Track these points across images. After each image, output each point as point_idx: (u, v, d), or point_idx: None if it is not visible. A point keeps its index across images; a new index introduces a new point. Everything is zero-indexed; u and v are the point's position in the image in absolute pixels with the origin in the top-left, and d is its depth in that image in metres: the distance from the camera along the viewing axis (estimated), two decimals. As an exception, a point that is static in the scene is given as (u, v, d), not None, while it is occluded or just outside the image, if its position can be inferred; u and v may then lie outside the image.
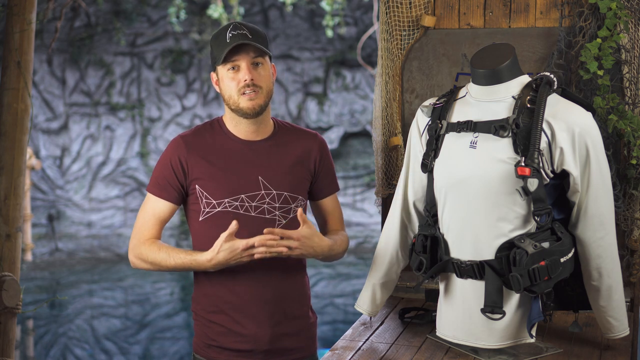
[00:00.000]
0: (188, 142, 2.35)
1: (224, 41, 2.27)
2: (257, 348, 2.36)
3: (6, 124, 3.41)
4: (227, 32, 2.28)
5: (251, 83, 2.26)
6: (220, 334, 2.37)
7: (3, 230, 3.38)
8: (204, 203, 2.32)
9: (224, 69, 2.29)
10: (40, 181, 10.68)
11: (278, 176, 2.35)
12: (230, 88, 2.29)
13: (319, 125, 11.36)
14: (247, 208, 2.32)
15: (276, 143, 2.39)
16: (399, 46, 2.77)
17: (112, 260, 10.41)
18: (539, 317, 2.15)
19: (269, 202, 2.33)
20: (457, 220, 2.21)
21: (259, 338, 2.35)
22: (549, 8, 2.64)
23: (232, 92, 2.29)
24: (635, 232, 2.54)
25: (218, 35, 2.31)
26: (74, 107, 10.95)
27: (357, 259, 10.46)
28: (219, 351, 2.38)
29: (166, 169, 2.34)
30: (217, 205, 2.31)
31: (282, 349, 2.39)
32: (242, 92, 2.28)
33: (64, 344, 7.38)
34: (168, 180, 2.34)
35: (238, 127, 2.36)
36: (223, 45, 2.27)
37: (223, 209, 2.31)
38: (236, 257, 2.21)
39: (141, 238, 2.34)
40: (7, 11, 3.44)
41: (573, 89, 2.59)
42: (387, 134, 2.78)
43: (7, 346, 3.38)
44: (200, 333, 2.41)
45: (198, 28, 11.02)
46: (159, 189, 2.35)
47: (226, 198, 2.31)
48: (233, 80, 2.28)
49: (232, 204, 2.31)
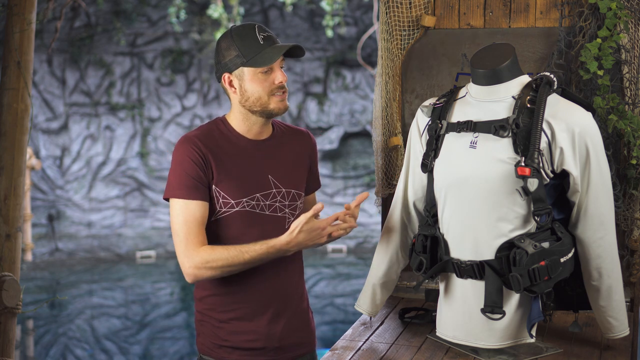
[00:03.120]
0: (202, 141, 2.29)
1: (256, 42, 2.24)
2: (268, 345, 2.37)
3: (6, 124, 3.41)
4: (257, 34, 2.25)
5: (284, 85, 2.29)
6: (232, 333, 2.36)
7: (3, 230, 3.38)
8: (221, 203, 2.29)
9: (257, 71, 2.25)
10: (40, 181, 10.68)
11: (285, 174, 2.37)
12: (261, 89, 2.27)
13: (319, 125, 11.37)
14: (262, 207, 2.33)
15: (279, 142, 2.40)
16: (399, 46, 2.77)
17: (112, 260, 10.41)
18: (539, 317, 2.15)
19: (280, 200, 2.35)
20: (457, 220, 2.21)
21: (270, 335, 2.36)
22: (549, 8, 2.64)
23: (262, 93, 2.27)
24: (635, 232, 2.54)
25: (244, 35, 2.26)
26: (74, 107, 10.95)
27: (357, 259, 10.47)
28: (230, 351, 2.37)
29: (190, 167, 2.26)
30: (235, 205, 2.29)
31: (291, 344, 2.41)
32: (272, 94, 2.28)
33: (64, 344, 7.38)
34: (195, 179, 2.26)
35: (249, 127, 2.34)
36: (257, 47, 2.24)
37: (241, 209, 2.30)
38: (316, 237, 2.21)
39: (196, 247, 2.23)
40: (7, 11, 3.44)
41: (573, 89, 2.59)
42: (387, 134, 2.78)
43: (7, 346, 3.38)
44: (209, 334, 2.39)
45: (198, 28, 11.02)
46: (190, 191, 2.25)
47: (244, 198, 2.30)
48: (265, 81, 2.27)
49: (250, 203, 2.31)
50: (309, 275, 9.50)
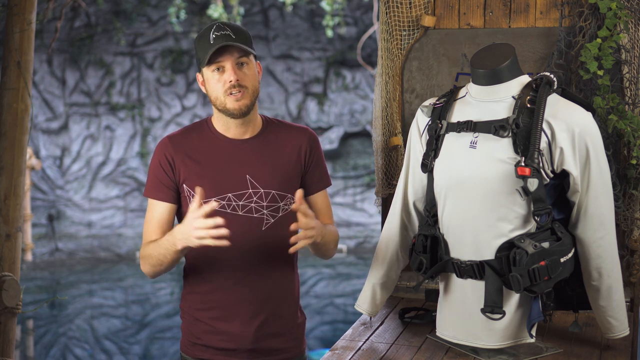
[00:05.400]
0: (174, 142, 2.34)
1: (208, 42, 2.26)
2: (240, 347, 2.36)
3: (6, 124, 3.41)
4: (211, 33, 2.26)
5: (237, 84, 2.26)
6: (205, 332, 2.37)
7: (3, 230, 3.38)
8: (192, 202, 2.30)
9: (209, 71, 2.28)
10: (40, 181, 10.68)
11: (266, 174, 2.34)
12: (216, 89, 2.28)
13: (319, 125, 11.36)
14: (234, 207, 2.31)
15: (265, 140, 2.38)
16: (399, 46, 2.77)
17: (112, 260, 10.41)
18: (539, 317, 2.15)
19: (256, 200, 2.32)
20: (457, 220, 2.21)
21: (242, 337, 2.35)
22: (549, 8, 2.64)
23: (218, 93, 2.28)
24: (635, 232, 2.54)
25: (201, 36, 2.29)
26: (74, 107, 10.95)
27: (357, 259, 10.46)
28: (204, 349, 2.38)
29: (157, 169, 2.34)
30: (203, 204, 2.27)
31: (266, 349, 2.38)
32: (228, 93, 2.27)
33: (64, 344, 7.38)
34: (161, 181, 2.33)
35: (226, 127, 2.35)
36: (207, 47, 2.26)
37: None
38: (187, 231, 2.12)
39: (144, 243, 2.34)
40: (7, 11, 3.44)
41: (573, 89, 2.59)
42: (387, 134, 2.78)
43: (7, 346, 3.38)
44: (186, 331, 2.42)
45: (198, 28, 11.01)
46: (154, 191, 2.35)
47: (213, 197, 2.29)
48: (219, 81, 2.27)
49: (220, 203, 2.29)
50: (309, 275, 9.50)
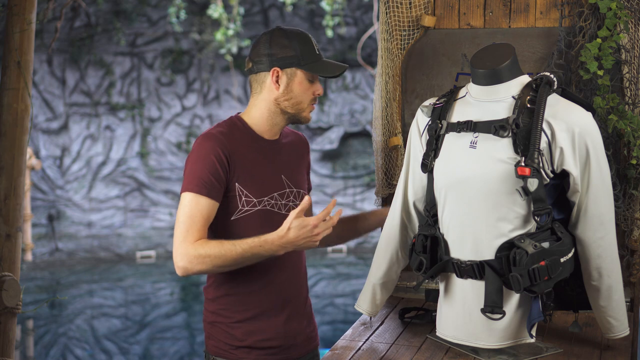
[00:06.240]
0: (226, 138, 2.29)
1: (314, 51, 2.34)
2: (285, 344, 2.39)
3: (6, 124, 3.41)
4: (314, 44, 2.36)
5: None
6: (248, 333, 2.36)
7: (3, 230, 3.38)
8: (243, 201, 2.29)
9: (307, 76, 2.33)
10: (40, 181, 10.68)
11: (294, 174, 2.41)
12: (305, 95, 2.34)
13: (319, 125, 11.36)
14: (280, 206, 2.35)
15: (284, 143, 2.43)
16: (399, 46, 2.77)
17: (112, 260, 10.42)
18: (539, 317, 2.15)
19: (292, 199, 2.38)
20: (457, 220, 2.21)
21: (287, 334, 2.39)
22: (549, 8, 2.64)
23: (304, 99, 2.34)
24: (635, 232, 2.54)
25: (305, 41, 2.33)
26: (74, 107, 10.95)
27: (357, 259, 10.47)
28: (248, 351, 2.36)
29: (210, 165, 2.24)
30: (257, 204, 2.31)
31: (304, 340, 2.45)
32: (312, 103, 2.36)
33: (64, 344, 7.38)
34: (214, 177, 2.24)
35: (270, 127, 2.36)
36: (315, 55, 2.33)
37: (262, 207, 2.31)
38: (305, 235, 2.16)
39: (192, 241, 2.21)
40: (7, 11, 3.44)
41: (573, 89, 2.59)
42: (387, 134, 2.78)
43: (7, 346, 3.37)
44: (222, 335, 2.37)
45: (198, 28, 11.01)
46: (205, 188, 2.23)
47: (265, 196, 2.32)
48: (310, 89, 2.34)
49: (270, 202, 2.33)
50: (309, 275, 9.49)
